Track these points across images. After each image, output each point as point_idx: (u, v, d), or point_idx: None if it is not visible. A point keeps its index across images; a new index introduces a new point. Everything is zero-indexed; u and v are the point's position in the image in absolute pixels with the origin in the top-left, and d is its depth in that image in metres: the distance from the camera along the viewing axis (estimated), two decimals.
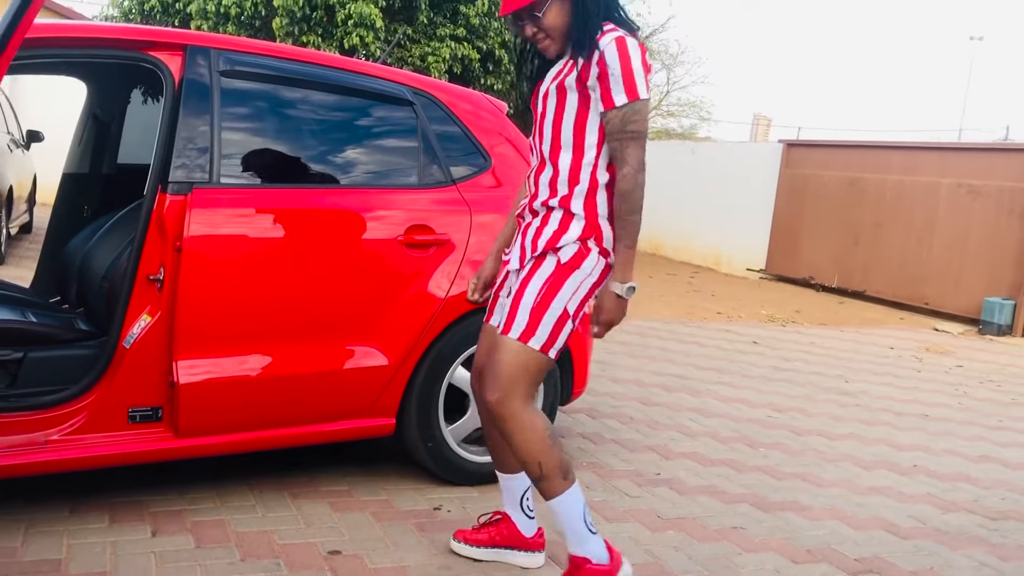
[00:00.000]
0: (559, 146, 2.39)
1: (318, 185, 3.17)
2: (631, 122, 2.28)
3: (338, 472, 3.46)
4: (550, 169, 2.41)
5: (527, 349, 2.33)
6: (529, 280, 2.37)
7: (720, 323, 8.68)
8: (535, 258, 2.39)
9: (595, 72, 2.28)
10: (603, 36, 2.29)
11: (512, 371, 2.32)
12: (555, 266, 2.36)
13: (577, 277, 2.36)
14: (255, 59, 3.07)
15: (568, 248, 2.36)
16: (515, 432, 2.34)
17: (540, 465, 2.34)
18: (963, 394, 6.24)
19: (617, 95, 2.27)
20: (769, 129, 38.38)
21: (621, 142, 2.30)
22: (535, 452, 2.34)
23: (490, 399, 2.35)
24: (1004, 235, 9.71)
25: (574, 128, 2.36)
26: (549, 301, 2.34)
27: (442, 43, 8.74)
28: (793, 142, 13.16)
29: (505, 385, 2.32)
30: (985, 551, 3.27)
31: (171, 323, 2.80)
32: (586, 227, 2.37)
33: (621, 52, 2.25)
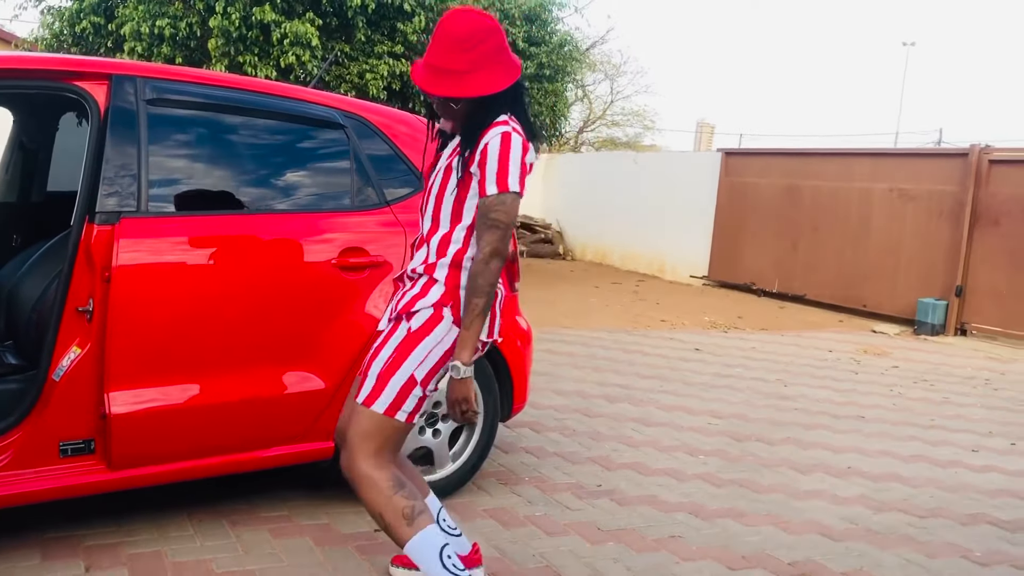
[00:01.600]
0: (437, 220, 2.49)
1: (249, 211, 3.16)
2: (494, 211, 2.37)
3: (278, 497, 3.45)
4: (426, 240, 2.51)
5: (371, 413, 2.41)
6: (383, 346, 2.46)
7: (664, 331, 8.80)
8: (392, 321, 2.49)
9: (478, 159, 2.39)
10: (492, 128, 2.38)
11: (360, 434, 2.41)
12: (405, 333, 2.43)
13: (427, 344, 2.42)
14: (182, 87, 3.06)
15: (422, 313, 2.43)
16: (359, 490, 2.42)
17: (382, 516, 2.41)
18: (898, 395, 6.41)
19: (489, 185, 2.37)
20: (712, 136, 38.89)
21: (481, 228, 2.39)
22: (378, 507, 2.41)
23: (341, 460, 2.45)
24: (935, 237, 10.01)
25: (452, 206, 2.46)
26: (396, 367, 2.41)
27: (380, 60, 8.75)
28: (732, 151, 13.41)
29: (353, 448, 2.41)
30: (913, 549, 3.37)
31: (101, 354, 2.78)
32: (445, 294, 2.44)
33: (503, 146, 2.35)
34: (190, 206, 3.04)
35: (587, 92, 28.57)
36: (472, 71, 2.37)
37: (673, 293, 12.11)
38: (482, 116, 2.40)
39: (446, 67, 2.38)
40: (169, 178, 3.01)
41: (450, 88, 2.38)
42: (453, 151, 2.49)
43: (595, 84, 31.90)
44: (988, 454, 4.87)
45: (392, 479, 2.42)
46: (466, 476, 3.63)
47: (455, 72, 2.37)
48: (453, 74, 2.37)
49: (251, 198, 3.20)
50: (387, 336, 2.47)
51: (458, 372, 2.37)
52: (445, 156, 2.52)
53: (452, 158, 2.48)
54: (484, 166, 2.37)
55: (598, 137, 36.45)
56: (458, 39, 2.37)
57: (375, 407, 2.40)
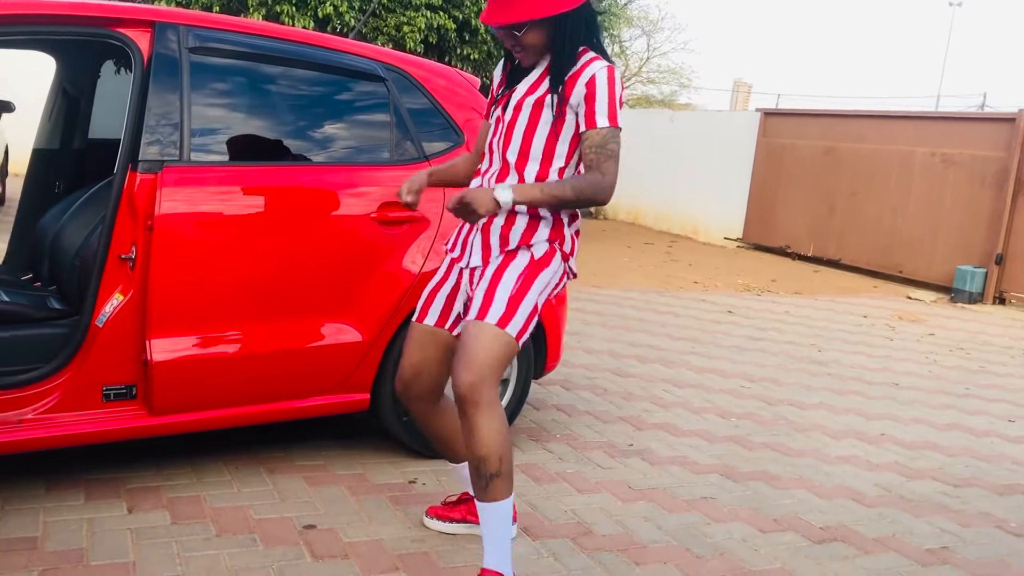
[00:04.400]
0: (527, 156, 2.42)
1: (290, 162, 3.16)
2: (612, 142, 2.34)
3: (314, 446, 3.49)
4: (514, 176, 2.43)
5: (505, 335, 2.32)
6: (504, 270, 2.37)
7: (696, 292, 8.75)
8: (507, 252, 2.40)
9: (581, 92, 2.34)
10: (593, 62, 2.36)
11: (490, 355, 2.29)
12: (529, 260, 2.39)
13: (546, 275, 2.41)
14: (225, 35, 3.05)
15: (540, 246, 2.41)
16: (484, 421, 2.28)
17: (500, 460, 2.30)
18: (933, 362, 6.35)
19: (601, 118, 2.34)
20: (749, 96, 38.32)
21: (600, 157, 2.33)
22: (498, 445, 2.29)
23: (464, 381, 2.26)
24: (977, 204, 9.82)
25: (545, 142, 2.41)
26: (525, 292, 2.36)
27: (417, 12, 8.66)
28: (770, 111, 13.20)
29: (482, 370, 2.28)
30: (946, 518, 3.36)
31: (143, 302, 2.81)
32: (552, 230, 2.42)
33: (611, 81, 2.34)
34: (231, 156, 3.05)
35: (623, 48, 28.17)
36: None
37: (706, 254, 12.02)
38: (565, 46, 2.35)
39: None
40: (211, 127, 3.01)
41: (507, 12, 2.30)
42: (533, 86, 2.42)
43: (631, 40, 31.46)
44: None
45: None
46: None
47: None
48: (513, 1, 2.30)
49: (292, 149, 3.20)
50: (504, 263, 2.38)
51: (502, 195, 2.24)
52: (521, 90, 2.44)
53: (533, 93, 2.41)
54: (593, 99, 2.33)
55: (633, 94, 36.07)
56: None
57: (509, 329, 2.32)
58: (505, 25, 2.34)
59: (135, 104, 2.88)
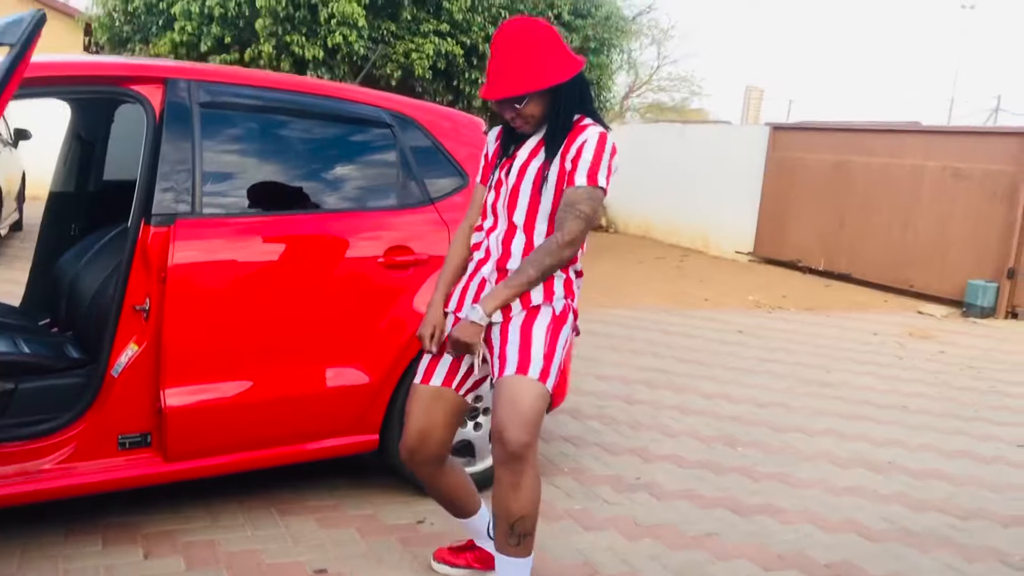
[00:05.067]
0: (535, 216, 2.48)
1: (299, 211, 3.24)
2: (583, 202, 2.40)
3: (326, 486, 3.56)
4: (522, 235, 2.49)
5: (545, 389, 2.37)
6: (532, 325, 2.40)
7: (706, 311, 8.78)
8: (531, 308, 2.43)
9: (572, 154, 2.43)
10: (587, 128, 2.44)
11: (536, 412, 2.33)
12: (552, 316, 2.44)
13: (566, 330, 2.48)
14: (235, 89, 3.13)
15: (559, 302, 2.47)
16: (529, 481, 2.34)
17: (525, 518, 2.36)
18: (943, 383, 6.36)
19: (580, 177, 2.41)
20: (761, 102, 38.31)
21: (565, 215, 2.41)
22: (535, 505, 2.37)
23: (518, 440, 2.28)
24: (988, 218, 9.82)
25: (552, 203, 2.46)
26: (555, 347, 2.42)
27: (426, 39, 8.77)
28: (780, 125, 13.23)
29: (532, 427, 2.31)
30: (952, 553, 3.38)
31: (157, 352, 2.89)
32: (566, 286, 2.49)
33: (599, 145, 2.42)
34: (243, 206, 3.13)
35: (633, 59, 28.23)
36: (534, 66, 2.39)
37: (717, 269, 12.04)
38: (561, 115, 2.44)
39: (509, 69, 2.40)
40: (222, 180, 3.09)
41: (519, 85, 2.38)
42: (532, 152, 2.49)
43: (641, 50, 31.49)
44: None
45: None
46: None
47: (520, 70, 2.39)
48: (518, 73, 2.39)
49: (301, 198, 3.27)
50: (530, 319, 2.41)
51: (476, 315, 2.37)
52: (523, 156, 2.51)
53: (534, 158, 2.48)
54: (578, 159, 2.41)
55: (644, 102, 36.08)
56: (517, 38, 2.42)
57: (548, 384, 2.37)
58: (507, 99, 2.42)
59: (148, 158, 2.96)
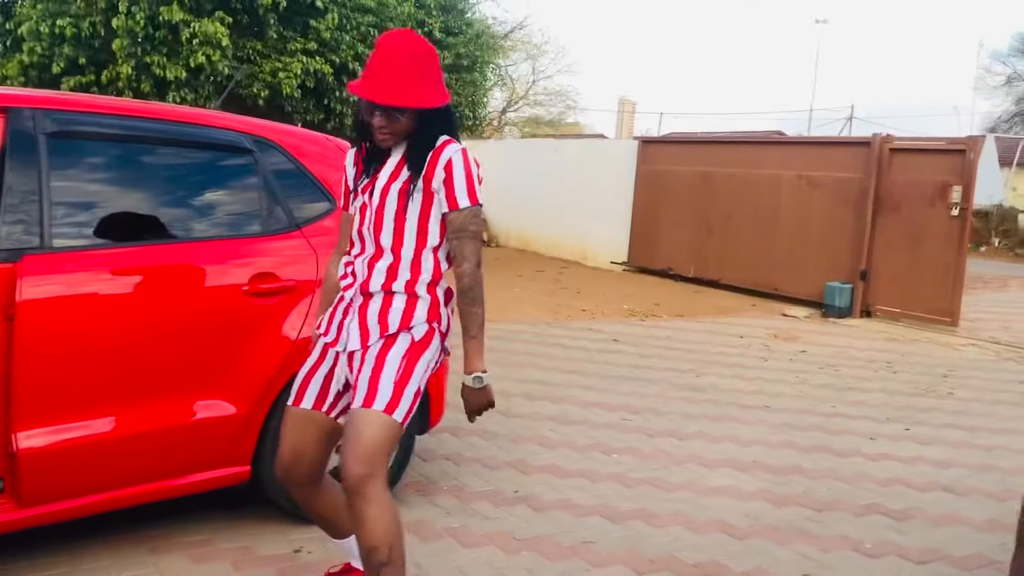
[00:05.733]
0: (401, 237, 2.50)
1: (156, 241, 3.15)
2: (472, 223, 2.49)
3: (198, 520, 3.47)
4: (389, 256, 2.50)
5: (392, 421, 2.37)
6: (387, 355, 2.42)
7: (584, 321, 8.98)
8: (387, 336, 2.45)
9: (440, 176, 2.46)
10: (447, 145, 2.48)
11: (379, 444, 2.34)
12: (410, 343, 2.46)
13: (427, 355, 2.49)
14: (84, 117, 3.04)
15: (419, 327, 2.49)
16: (373, 513, 2.32)
17: (390, 549, 2.35)
18: (803, 382, 6.70)
19: (461, 199, 2.47)
20: (634, 114, 39.48)
21: (461, 240, 2.49)
22: (387, 535, 2.35)
23: (355, 473, 2.30)
24: (841, 223, 10.40)
25: (418, 222, 2.50)
26: (409, 375, 2.43)
27: (293, 58, 8.68)
28: (648, 139, 13.67)
29: (373, 459, 2.32)
30: (808, 543, 3.58)
31: (7, 393, 2.76)
32: (431, 310, 2.51)
33: (465, 162, 2.48)
34: (97, 238, 3.02)
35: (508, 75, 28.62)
36: (421, 84, 2.42)
37: (594, 280, 12.32)
38: (427, 134, 2.48)
39: (397, 79, 2.39)
40: (74, 211, 2.99)
41: (407, 98, 2.39)
42: (393, 174, 2.50)
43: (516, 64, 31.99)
44: (884, 442, 5.15)
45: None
46: None
47: (408, 84, 2.39)
48: (406, 86, 2.39)
49: (158, 227, 3.19)
50: (386, 347, 2.43)
51: (481, 381, 2.49)
52: (384, 178, 2.51)
53: (396, 180, 2.49)
54: (451, 182, 2.46)
55: (521, 117, 36.60)
56: (409, 53, 2.42)
57: (396, 415, 2.37)
58: (392, 107, 2.40)
59: None
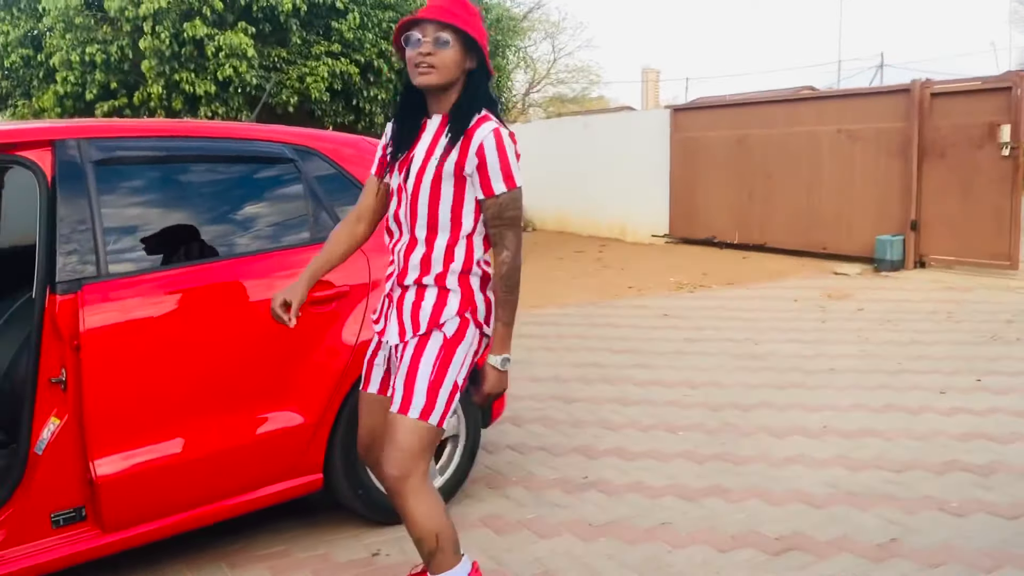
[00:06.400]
0: (435, 227, 2.46)
1: (209, 259, 3.16)
2: (509, 209, 2.42)
3: (274, 531, 3.49)
4: (423, 247, 2.47)
5: (427, 427, 2.41)
6: (420, 357, 2.43)
7: (631, 298, 8.90)
8: (420, 336, 2.45)
9: (473, 162, 2.38)
10: (482, 123, 2.39)
11: (414, 448, 2.40)
12: (442, 341, 2.44)
13: (462, 350, 2.47)
14: (128, 143, 3.04)
15: (450, 324, 2.45)
16: (413, 507, 2.41)
17: (437, 538, 2.42)
18: (865, 340, 6.57)
19: (496, 184, 2.39)
20: (658, 83, 39.06)
21: (500, 228, 2.43)
22: (432, 525, 2.42)
23: (390, 476, 2.40)
24: (886, 174, 10.18)
25: (451, 211, 2.44)
26: (443, 377, 2.43)
27: (318, 61, 8.67)
28: (679, 107, 13.48)
29: (408, 463, 2.39)
30: (892, 507, 3.50)
31: (80, 422, 2.79)
32: (463, 301, 2.47)
33: (499, 144, 2.38)
34: (151, 262, 3.04)
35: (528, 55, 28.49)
36: (470, 15, 2.39)
37: (637, 256, 12.21)
38: (470, 97, 2.42)
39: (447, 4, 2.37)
40: (126, 237, 3.00)
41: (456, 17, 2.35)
42: (428, 151, 2.43)
43: (536, 44, 31.82)
44: (956, 395, 5.03)
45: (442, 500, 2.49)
46: (455, 487, 3.70)
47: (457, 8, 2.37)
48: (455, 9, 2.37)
49: (209, 245, 3.20)
50: (419, 348, 2.44)
51: (500, 363, 2.45)
52: (420, 157, 2.45)
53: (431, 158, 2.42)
54: (484, 166, 2.38)
55: (544, 97, 36.44)
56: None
57: (431, 419, 2.41)
58: (440, 24, 2.36)
59: (45, 225, 2.85)
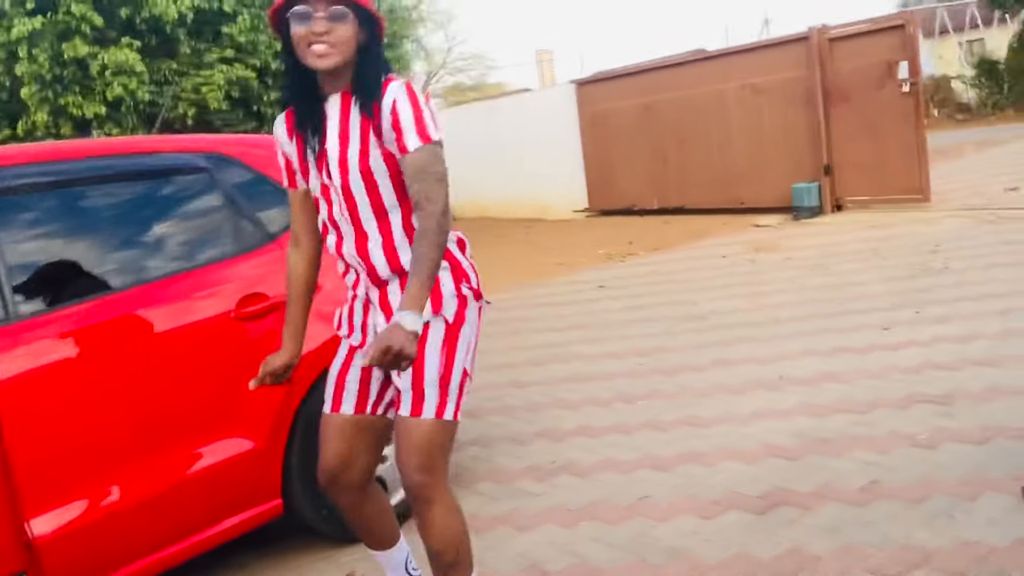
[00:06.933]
0: (383, 211, 2.24)
1: (129, 285, 2.90)
2: (433, 164, 2.15)
3: (239, 563, 3.27)
4: (378, 237, 2.24)
5: (444, 423, 2.21)
6: (424, 351, 2.19)
7: (564, 275, 8.83)
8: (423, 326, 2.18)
9: (388, 120, 2.15)
10: (391, 83, 2.18)
11: (436, 450, 2.19)
12: (444, 329, 2.22)
13: (465, 333, 2.25)
14: (23, 169, 2.77)
15: (449, 305, 2.23)
16: (438, 517, 2.21)
17: (457, 550, 2.24)
18: (801, 287, 6.62)
19: (411, 140, 2.14)
20: (552, 63, 39.23)
21: (424, 186, 2.13)
22: (453, 537, 2.24)
23: (417, 482, 2.18)
24: (794, 123, 10.32)
25: (393, 188, 2.23)
26: (451, 366, 2.21)
27: (212, 69, 8.28)
28: (584, 80, 13.43)
29: (431, 466, 2.18)
30: (864, 449, 3.47)
31: (8, 481, 2.53)
32: (453, 272, 2.26)
33: (411, 97, 2.15)
34: (64, 297, 2.77)
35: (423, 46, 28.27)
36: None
37: (561, 232, 12.16)
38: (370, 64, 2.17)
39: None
40: (34, 273, 2.73)
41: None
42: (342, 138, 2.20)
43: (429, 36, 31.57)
44: (899, 330, 5.07)
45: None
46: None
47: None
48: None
49: (127, 271, 2.93)
50: (420, 342, 2.15)
51: (409, 320, 1.99)
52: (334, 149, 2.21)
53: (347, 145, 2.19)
54: (399, 123, 2.13)
55: (444, 86, 36.23)
56: None
57: (446, 415, 2.20)
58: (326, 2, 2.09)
59: None
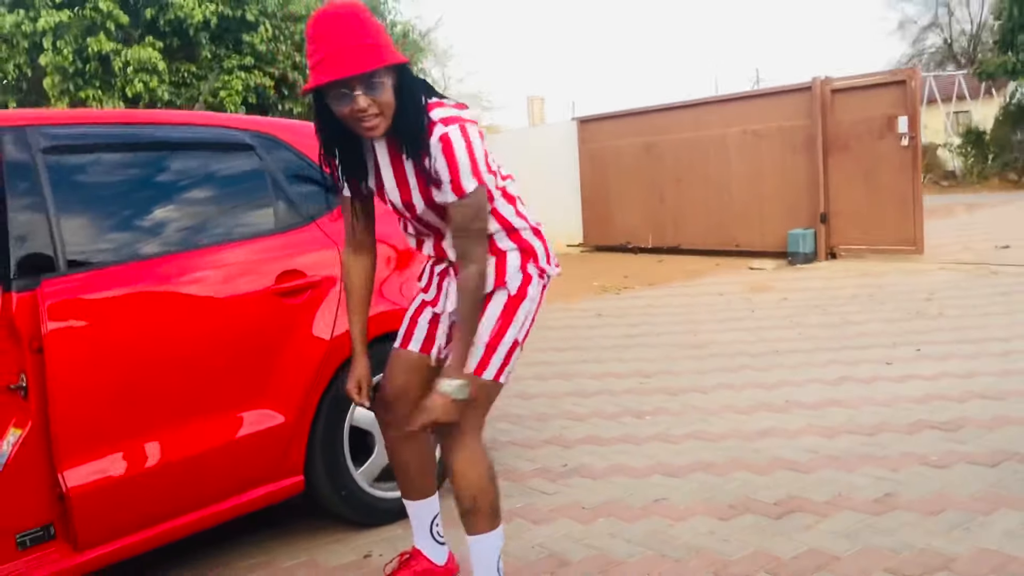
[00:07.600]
0: None
1: (174, 251, 2.94)
2: (474, 222, 2.20)
3: (251, 542, 3.27)
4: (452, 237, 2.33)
5: (480, 381, 2.31)
6: (483, 315, 2.31)
7: (560, 304, 8.89)
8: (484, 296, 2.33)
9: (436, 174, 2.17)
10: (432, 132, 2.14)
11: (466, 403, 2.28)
12: (506, 299, 2.35)
13: (525, 307, 2.38)
14: (80, 129, 2.82)
15: (513, 280, 2.36)
16: (459, 461, 2.35)
17: (474, 500, 2.36)
18: (799, 324, 6.71)
19: (448, 196, 2.17)
20: (543, 108, 39.67)
21: (463, 241, 2.22)
22: (472, 486, 2.36)
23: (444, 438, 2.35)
24: (793, 171, 10.52)
25: None
26: (503, 334, 2.33)
27: (231, 75, 8.38)
28: (585, 118, 13.63)
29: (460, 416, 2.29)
30: (876, 466, 3.54)
31: (47, 431, 2.54)
32: (521, 253, 2.38)
33: (446, 150, 2.12)
34: (112, 255, 2.81)
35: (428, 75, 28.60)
36: (384, 40, 2.06)
37: None
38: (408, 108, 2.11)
39: (360, 45, 2.00)
40: (84, 229, 2.77)
41: (381, 57, 2.02)
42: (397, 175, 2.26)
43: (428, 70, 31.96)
44: (901, 364, 5.16)
45: (491, 462, 2.41)
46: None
47: (374, 43, 2.01)
48: (374, 47, 2.01)
49: (173, 237, 2.98)
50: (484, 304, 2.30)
51: (450, 388, 2.19)
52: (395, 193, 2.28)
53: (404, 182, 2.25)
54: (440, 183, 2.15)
55: None
56: (354, 16, 2.04)
57: (486, 374, 2.31)
58: (363, 74, 2.01)
59: None
